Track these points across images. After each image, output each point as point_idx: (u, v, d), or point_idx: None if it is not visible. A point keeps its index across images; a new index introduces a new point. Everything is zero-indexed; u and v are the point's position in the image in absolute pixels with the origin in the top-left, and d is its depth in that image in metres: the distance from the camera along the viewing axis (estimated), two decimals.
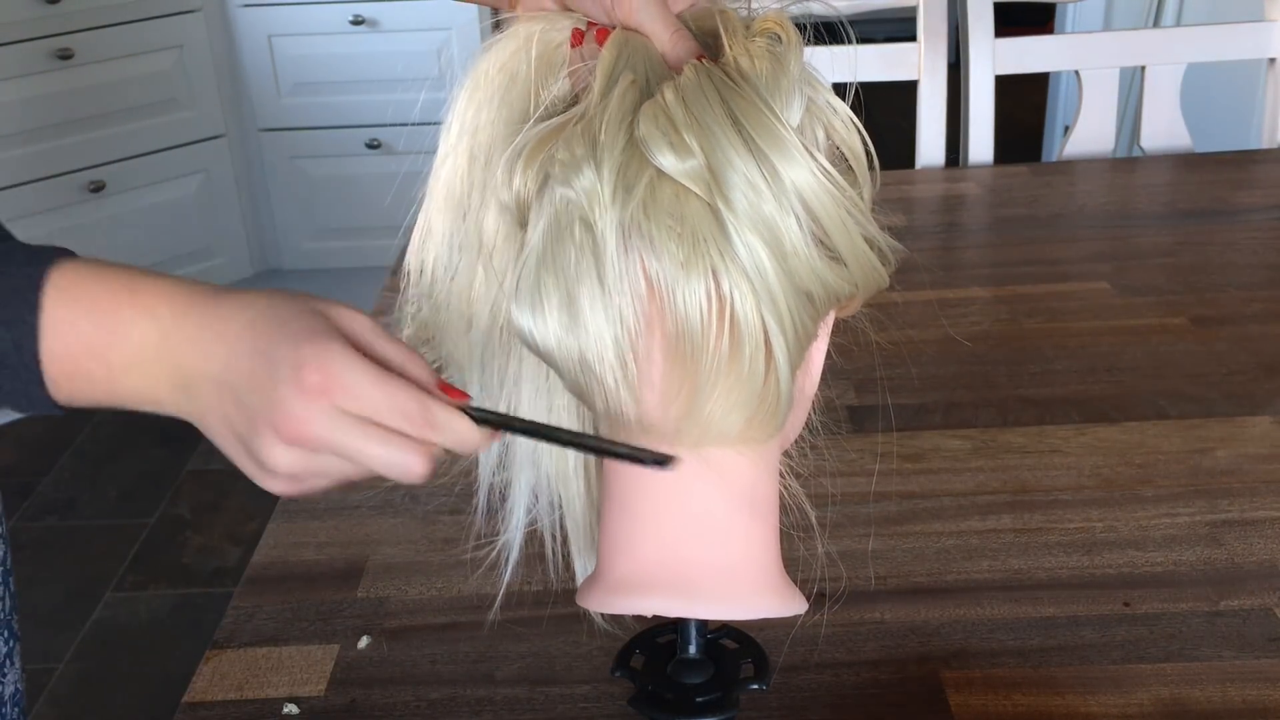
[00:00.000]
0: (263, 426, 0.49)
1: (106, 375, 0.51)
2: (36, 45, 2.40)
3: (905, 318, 1.11)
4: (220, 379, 0.50)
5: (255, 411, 0.49)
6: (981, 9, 1.52)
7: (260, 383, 0.49)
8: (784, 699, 0.69)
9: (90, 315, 0.50)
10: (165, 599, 2.03)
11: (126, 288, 0.51)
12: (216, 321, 0.51)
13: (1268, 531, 0.81)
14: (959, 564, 0.79)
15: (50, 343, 0.50)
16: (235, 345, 0.50)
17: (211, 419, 0.51)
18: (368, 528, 0.85)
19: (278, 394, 0.48)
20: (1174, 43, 1.56)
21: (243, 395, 0.49)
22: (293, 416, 0.48)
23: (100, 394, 0.52)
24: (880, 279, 0.54)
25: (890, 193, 1.44)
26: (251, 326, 0.50)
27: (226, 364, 0.50)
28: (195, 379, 0.50)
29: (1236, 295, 1.15)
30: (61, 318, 0.50)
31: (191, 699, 0.71)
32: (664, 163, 0.48)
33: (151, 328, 0.50)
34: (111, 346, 0.50)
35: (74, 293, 0.50)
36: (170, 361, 0.51)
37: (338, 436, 0.48)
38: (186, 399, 0.51)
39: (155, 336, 0.50)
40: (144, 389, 0.52)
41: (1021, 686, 0.69)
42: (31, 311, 0.50)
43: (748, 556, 0.55)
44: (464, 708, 0.70)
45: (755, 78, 0.50)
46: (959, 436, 0.93)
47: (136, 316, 0.51)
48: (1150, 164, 1.52)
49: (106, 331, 0.50)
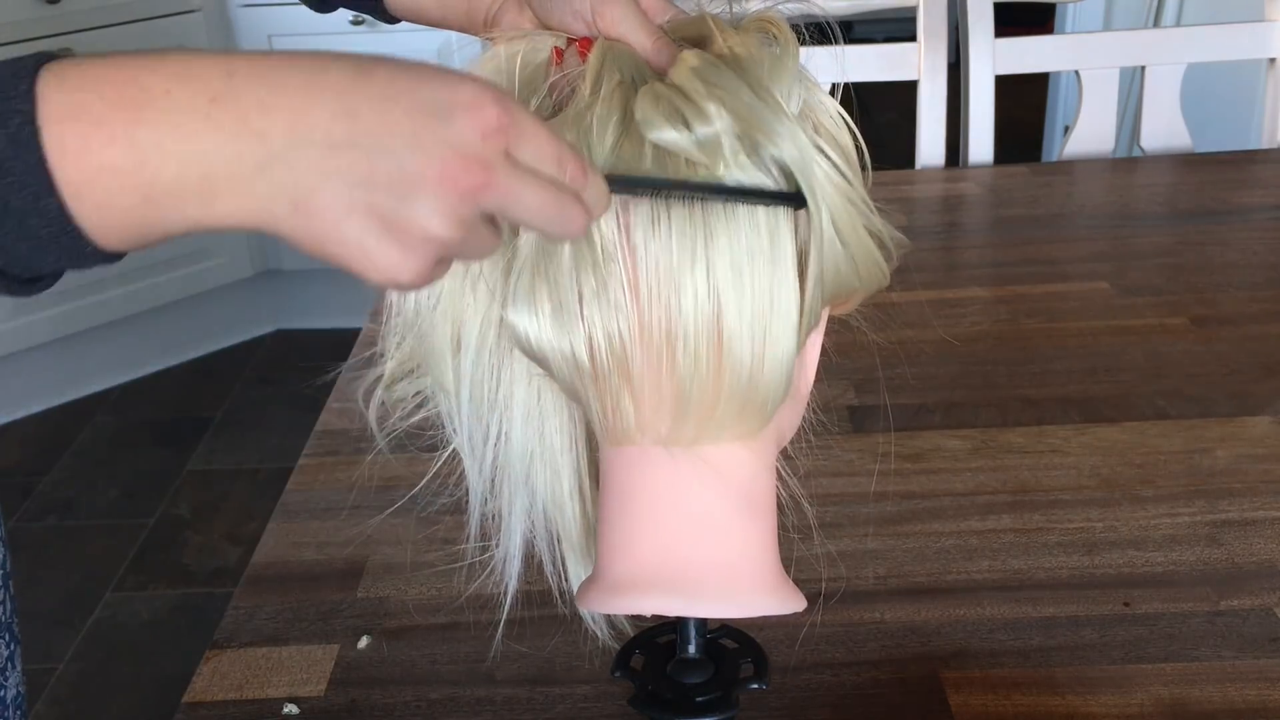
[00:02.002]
0: (424, 182, 0.41)
1: (138, 174, 0.39)
2: (36, 45, 2.40)
3: (905, 318, 1.11)
4: (333, 139, 0.40)
5: (410, 166, 0.40)
6: (981, 9, 1.52)
7: (416, 129, 0.41)
8: (784, 699, 0.69)
9: (102, 96, 0.39)
10: (165, 599, 2.03)
11: (144, 63, 0.40)
12: (297, 73, 0.40)
13: (1268, 531, 0.81)
14: (959, 564, 0.79)
15: (59, 164, 0.38)
16: (349, 95, 0.40)
17: (323, 198, 0.40)
18: (368, 528, 0.85)
19: (452, 134, 0.41)
20: (1174, 43, 1.56)
21: (386, 150, 0.40)
22: (474, 160, 0.41)
23: (136, 204, 0.40)
24: (882, 275, 0.55)
25: (890, 193, 1.44)
26: (363, 73, 0.41)
27: (346, 120, 0.40)
28: (282, 150, 0.40)
29: (1236, 295, 1.15)
30: (64, 108, 0.38)
31: (191, 699, 0.71)
32: (665, 137, 0.48)
33: (196, 91, 0.39)
34: (140, 124, 0.39)
35: (75, 81, 0.39)
36: (236, 131, 0.39)
37: (514, 183, 0.42)
38: (268, 181, 0.40)
39: (203, 100, 0.39)
40: (192, 182, 0.39)
41: (1021, 686, 0.69)
42: (25, 100, 0.38)
43: (746, 555, 0.55)
44: (464, 708, 0.70)
45: (756, 65, 0.50)
46: (959, 436, 0.93)
47: (169, 83, 0.39)
48: (1150, 164, 1.52)
49: (131, 108, 0.39)
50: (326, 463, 0.93)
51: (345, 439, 0.96)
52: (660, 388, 0.51)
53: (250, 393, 2.64)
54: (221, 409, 2.57)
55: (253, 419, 2.53)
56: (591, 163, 0.45)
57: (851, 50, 1.54)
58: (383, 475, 0.81)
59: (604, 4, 0.54)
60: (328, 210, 0.41)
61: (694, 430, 0.52)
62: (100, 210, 0.39)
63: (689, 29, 0.55)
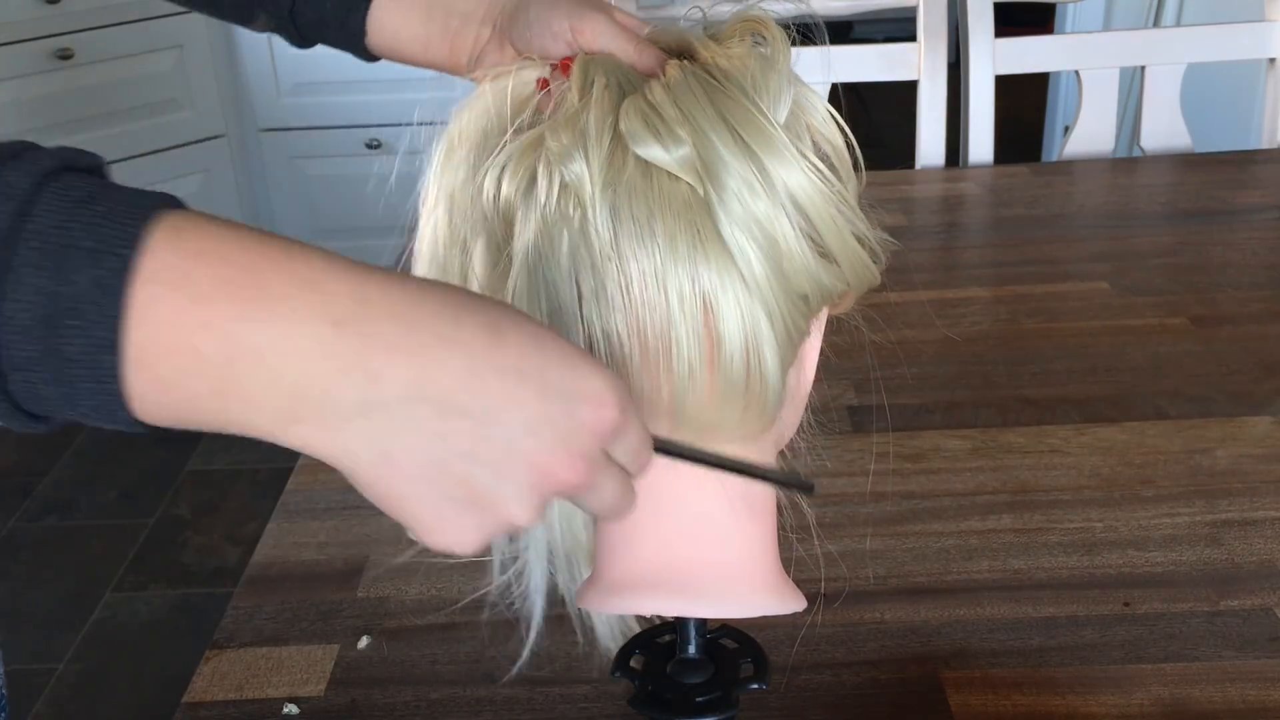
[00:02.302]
0: (526, 469, 0.39)
1: (221, 370, 0.35)
2: (36, 45, 2.40)
3: (905, 318, 1.11)
4: (450, 402, 0.37)
5: (517, 449, 0.39)
6: (981, 9, 1.52)
7: (537, 415, 0.39)
8: (784, 699, 0.69)
9: (214, 275, 0.35)
10: (165, 599, 2.03)
11: (271, 254, 0.36)
12: (433, 321, 0.37)
13: (1268, 531, 0.81)
14: (959, 564, 0.79)
15: (138, 325, 0.34)
16: (480, 360, 0.38)
17: (417, 457, 0.37)
18: (368, 528, 0.85)
19: (570, 427, 0.40)
20: (1174, 43, 1.56)
21: (500, 427, 0.38)
22: (579, 457, 0.40)
23: (202, 395, 0.36)
24: (872, 276, 0.54)
25: (890, 193, 1.44)
26: (497, 337, 0.38)
27: (470, 386, 0.37)
28: (394, 401, 0.37)
29: (1236, 295, 1.15)
30: (167, 272, 0.35)
31: (191, 699, 0.71)
32: (650, 154, 0.48)
33: (320, 308, 0.36)
34: (245, 321, 0.35)
35: (191, 244, 0.35)
36: (351, 365, 0.36)
37: (602, 481, 0.42)
38: (365, 426, 0.37)
39: (326, 323, 0.36)
40: (279, 398, 0.36)
41: (1021, 686, 0.69)
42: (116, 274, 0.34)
43: (746, 555, 0.55)
44: (464, 708, 0.70)
45: (740, 76, 0.50)
46: (959, 436, 0.93)
47: (293, 289, 0.35)
48: (1150, 164, 1.52)
49: (240, 301, 0.35)
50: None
51: None
52: (659, 389, 0.51)
53: None
54: None
55: None
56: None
57: (851, 50, 1.54)
58: None
59: (582, 21, 0.54)
60: (418, 472, 0.38)
61: (693, 433, 0.52)
62: (158, 387, 0.35)
63: (668, 37, 0.55)
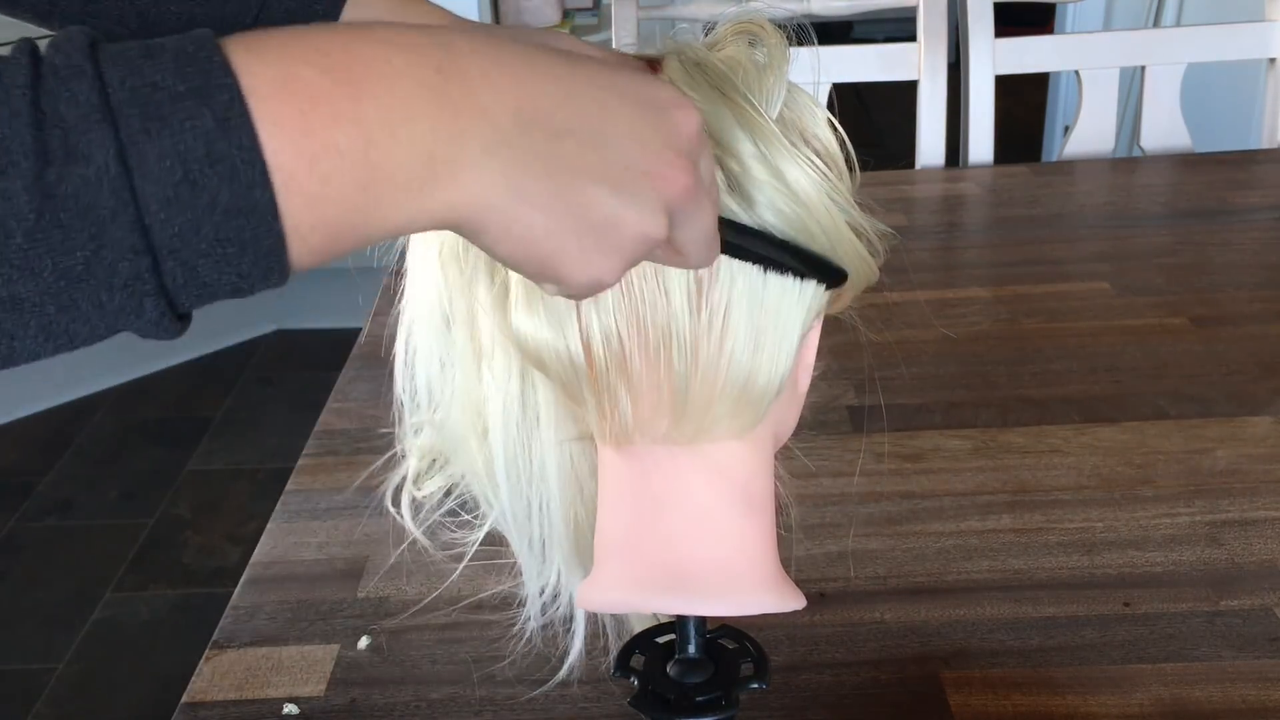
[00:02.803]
0: (645, 177, 0.39)
1: (363, 158, 0.33)
2: None
3: (905, 318, 1.11)
4: (556, 125, 0.37)
5: (631, 158, 0.39)
6: (981, 9, 1.52)
7: (634, 120, 0.39)
8: (784, 699, 0.69)
9: (317, 66, 0.33)
10: (165, 599, 2.03)
11: (346, 31, 0.35)
12: (514, 53, 0.37)
13: (1268, 531, 0.81)
14: (959, 564, 0.79)
15: (274, 146, 0.32)
16: (568, 80, 0.38)
17: (548, 185, 0.37)
18: (368, 528, 0.85)
19: (668, 129, 0.40)
20: (1174, 43, 1.56)
21: (608, 140, 0.38)
22: (685, 158, 0.40)
23: (351, 196, 0.34)
24: (870, 274, 0.54)
25: (890, 193, 1.44)
26: (574, 61, 0.39)
27: (568, 104, 0.37)
28: (510, 131, 0.36)
29: (1236, 295, 1.15)
30: (274, 83, 0.33)
31: (191, 699, 0.71)
32: None
33: (418, 61, 0.35)
34: (365, 98, 0.34)
35: (276, 51, 0.34)
36: (463, 106, 0.35)
37: (704, 196, 0.42)
38: (493, 165, 0.36)
39: (429, 71, 0.35)
40: (417, 167, 0.35)
41: (1021, 686, 0.69)
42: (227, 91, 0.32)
43: (746, 553, 0.55)
44: (464, 708, 0.70)
45: (733, 73, 0.50)
46: (959, 436, 0.93)
47: (387, 51, 0.35)
48: (1150, 164, 1.52)
49: (352, 80, 0.34)
50: (326, 463, 0.93)
51: (345, 439, 0.96)
52: (658, 386, 0.51)
53: (250, 393, 2.64)
54: (221, 409, 2.57)
55: (253, 419, 2.53)
56: None
57: (851, 50, 1.54)
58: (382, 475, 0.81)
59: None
60: (549, 202, 0.37)
61: (692, 429, 0.52)
62: (311, 206, 0.33)
63: (668, 48, 0.54)
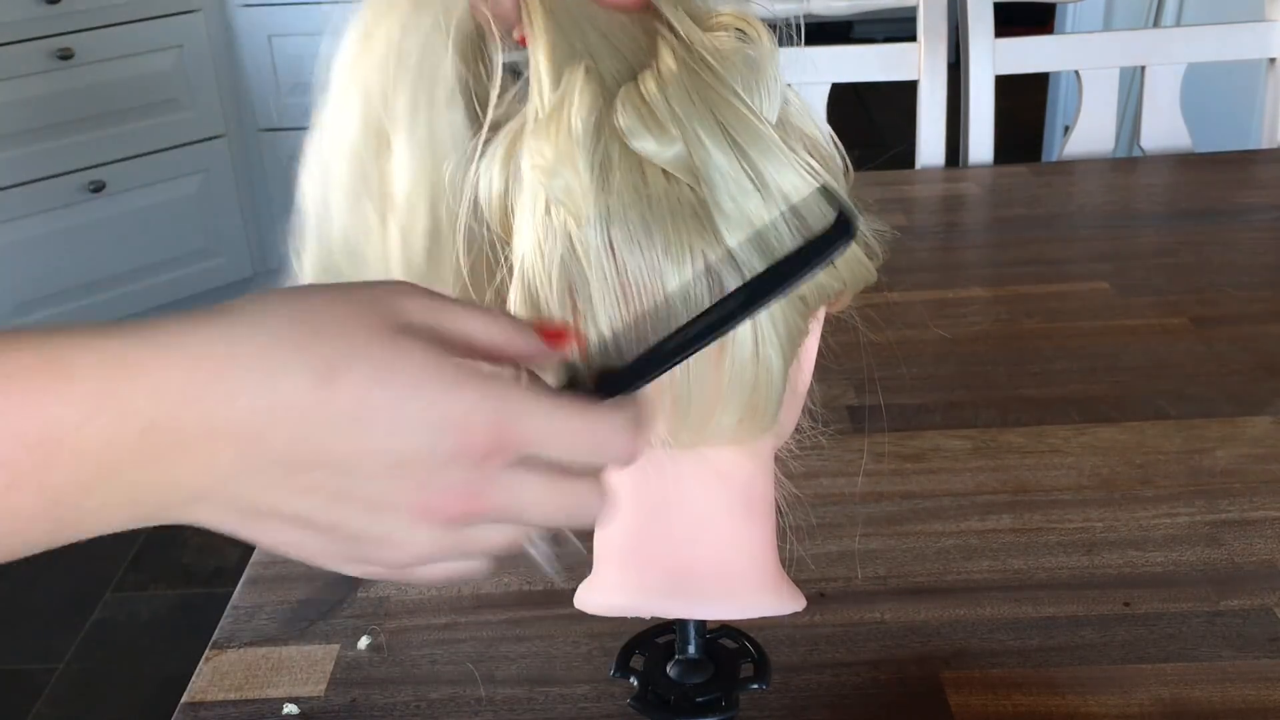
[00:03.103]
0: (402, 510, 0.37)
1: (51, 518, 0.35)
2: (36, 45, 2.40)
3: (905, 318, 1.11)
4: (295, 459, 0.35)
5: (386, 495, 0.36)
6: (981, 9, 1.52)
7: (392, 462, 0.36)
8: (784, 699, 0.69)
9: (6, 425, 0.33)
10: (165, 599, 2.03)
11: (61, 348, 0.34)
12: (245, 390, 0.34)
13: (1268, 531, 0.81)
14: (959, 564, 0.79)
15: None
16: (312, 417, 0.35)
17: (283, 511, 0.36)
18: None
19: (436, 464, 0.36)
20: (1174, 43, 1.56)
21: (360, 473, 0.36)
22: (460, 490, 0.37)
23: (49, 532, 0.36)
24: (868, 274, 0.54)
25: (890, 193, 1.44)
26: (327, 385, 0.35)
27: (307, 445, 0.35)
28: (231, 477, 0.35)
29: (1236, 295, 1.15)
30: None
31: (191, 699, 0.71)
32: (648, 148, 0.47)
33: (121, 421, 0.33)
34: (53, 470, 0.34)
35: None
36: (175, 461, 0.34)
37: (509, 499, 0.38)
38: (212, 504, 0.36)
39: (132, 434, 0.34)
40: (121, 513, 0.35)
41: (1021, 686, 0.69)
42: None
43: (746, 556, 0.55)
44: (464, 708, 0.70)
45: (730, 73, 0.48)
46: (958, 436, 0.93)
47: (85, 410, 0.33)
48: (1150, 164, 1.52)
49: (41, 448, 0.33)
50: None
51: None
52: (661, 392, 0.50)
53: None
54: None
55: None
56: (602, 403, 0.41)
57: (851, 50, 1.54)
58: None
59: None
60: (291, 523, 0.36)
61: (693, 433, 0.52)
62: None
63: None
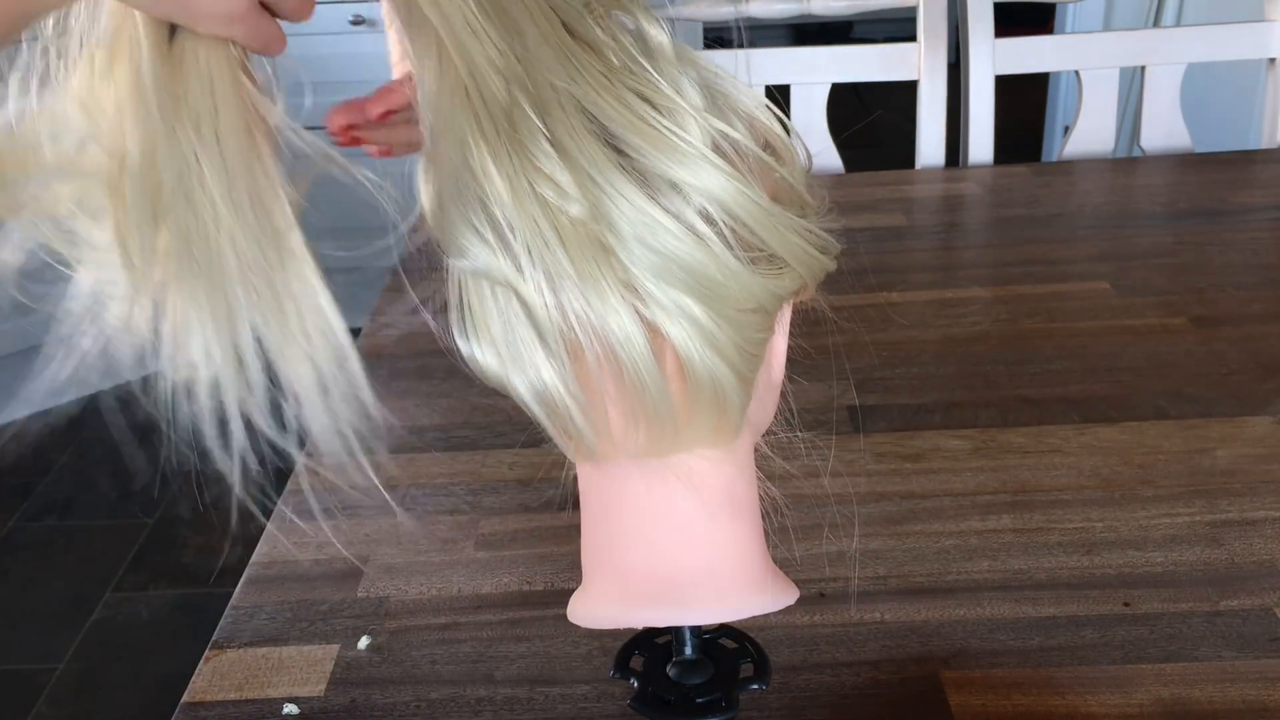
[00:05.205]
0: None
1: None
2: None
3: (905, 318, 1.11)
4: None
5: None
6: (981, 9, 1.52)
7: None
8: (784, 699, 0.69)
9: None
10: (165, 599, 2.03)
11: None
12: None
13: (1268, 531, 0.81)
14: (959, 564, 0.79)
15: None
16: None
17: None
18: (368, 528, 0.85)
19: None
20: (1174, 43, 1.56)
21: None
22: None
23: None
24: (825, 265, 0.52)
25: (890, 193, 1.44)
26: None
27: None
28: None
29: (1236, 295, 1.15)
30: None
31: (191, 699, 0.71)
32: (551, 199, 0.44)
33: None
34: None
35: None
36: None
37: None
38: None
39: None
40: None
41: (1021, 686, 0.69)
42: None
43: (733, 557, 0.54)
44: (464, 708, 0.70)
45: (624, 69, 0.45)
46: (959, 436, 0.93)
47: None
48: (1150, 164, 1.52)
49: None
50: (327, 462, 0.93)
51: None
52: (625, 408, 0.49)
53: None
54: None
55: None
56: None
57: (851, 50, 1.54)
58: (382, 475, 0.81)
59: None
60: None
61: (666, 445, 0.51)
62: None
63: None
